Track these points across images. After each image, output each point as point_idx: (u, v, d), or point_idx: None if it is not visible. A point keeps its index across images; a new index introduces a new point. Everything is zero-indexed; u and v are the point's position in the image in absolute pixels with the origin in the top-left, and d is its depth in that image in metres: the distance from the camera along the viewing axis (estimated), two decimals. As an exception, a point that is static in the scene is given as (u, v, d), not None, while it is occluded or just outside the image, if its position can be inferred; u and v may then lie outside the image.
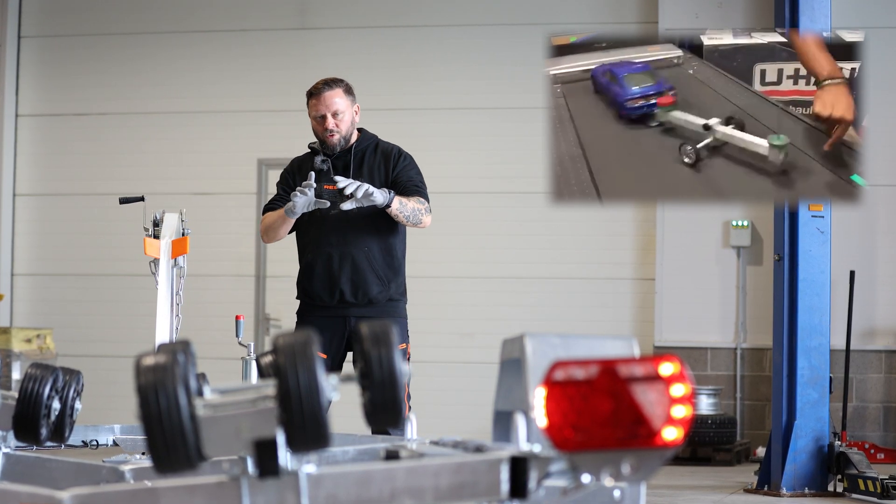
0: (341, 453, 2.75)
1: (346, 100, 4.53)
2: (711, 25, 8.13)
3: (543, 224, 8.48)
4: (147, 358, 2.03)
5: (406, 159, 4.58)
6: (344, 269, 4.47)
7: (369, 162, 4.54)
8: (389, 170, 4.53)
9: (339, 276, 4.47)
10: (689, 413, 1.97)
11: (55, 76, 9.12)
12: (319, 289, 4.50)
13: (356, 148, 4.56)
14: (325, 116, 4.49)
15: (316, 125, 4.54)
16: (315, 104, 4.52)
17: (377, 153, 4.57)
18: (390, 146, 4.61)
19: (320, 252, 4.51)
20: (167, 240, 4.29)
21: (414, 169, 4.59)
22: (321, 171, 4.50)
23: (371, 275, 4.48)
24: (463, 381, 8.15)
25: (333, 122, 4.50)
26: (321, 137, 4.55)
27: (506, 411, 2.44)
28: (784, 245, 6.36)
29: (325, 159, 4.55)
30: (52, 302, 9.04)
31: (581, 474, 2.01)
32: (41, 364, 2.76)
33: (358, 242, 4.49)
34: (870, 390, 8.15)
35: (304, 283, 4.57)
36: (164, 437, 1.98)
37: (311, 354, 2.03)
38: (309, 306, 4.56)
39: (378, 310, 4.49)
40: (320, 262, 4.50)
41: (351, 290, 4.47)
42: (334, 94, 4.51)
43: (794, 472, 6.18)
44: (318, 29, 8.85)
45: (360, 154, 4.56)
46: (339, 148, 4.54)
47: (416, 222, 4.48)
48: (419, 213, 4.48)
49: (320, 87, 4.53)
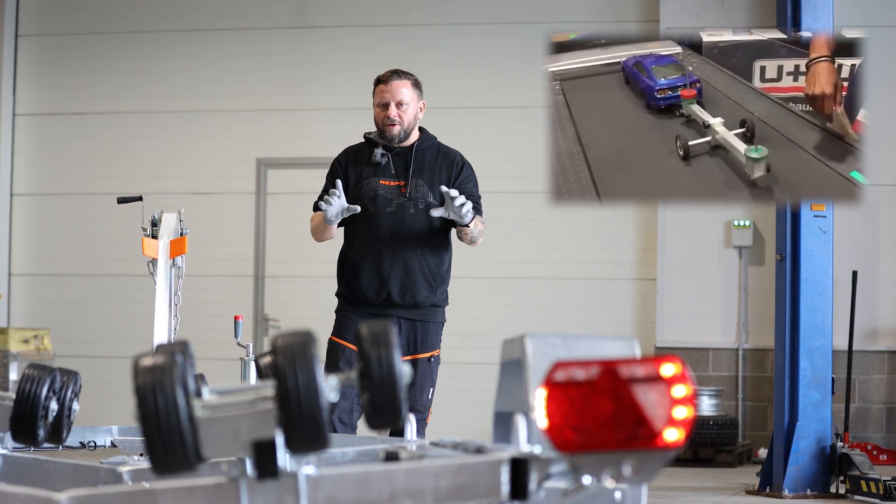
0: (340, 454, 2.74)
1: (413, 93, 4.45)
2: (713, 24, 8.12)
3: (544, 224, 8.46)
4: (145, 359, 2.03)
5: (468, 170, 4.50)
6: (395, 269, 4.37)
7: (430, 164, 4.45)
8: (452, 177, 4.44)
9: (389, 276, 4.37)
10: (691, 414, 1.97)
11: (53, 75, 9.11)
12: (366, 286, 4.39)
13: (417, 147, 4.46)
14: (389, 105, 4.40)
15: (378, 113, 4.44)
16: (381, 91, 4.43)
17: (439, 156, 4.48)
18: (452, 151, 4.52)
19: (371, 248, 4.39)
20: (165, 240, 4.28)
21: (474, 182, 4.51)
22: (378, 165, 4.41)
23: (421, 278, 4.39)
24: (463, 381, 8.14)
25: (396, 112, 4.40)
26: (381, 126, 4.44)
27: (506, 412, 2.43)
28: (786, 245, 6.35)
29: (385, 153, 4.44)
30: (49, 302, 9.03)
31: (582, 476, 2.01)
32: (38, 365, 2.76)
33: (412, 244, 4.39)
34: (872, 391, 8.14)
35: (349, 278, 4.44)
36: (162, 438, 1.98)
37: (311, 355, 2.02)
38: (350, 301, 4.44)
39: (419, 313, 4.41)
40: (370, 259, 4.39)
41: (399, 291, 4.37)
42: (402, 84, 4.44)
43: (796, 474, 6.17)
44: (317, 28, 8.84)
45: (420, 153, 4.46)
46: (398, 140, 4.43)
47: (472, 241, 4.44)
48: (480, 235, 4.44)
49: (390, 74, 4.45)
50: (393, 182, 4.41)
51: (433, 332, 4.44)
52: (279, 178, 8.85)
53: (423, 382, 4.37)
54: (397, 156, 4.46)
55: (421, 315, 4.41)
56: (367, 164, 4.45)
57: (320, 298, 8.92)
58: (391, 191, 4.38)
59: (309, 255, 8.52)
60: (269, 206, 8.87)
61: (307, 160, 8.70)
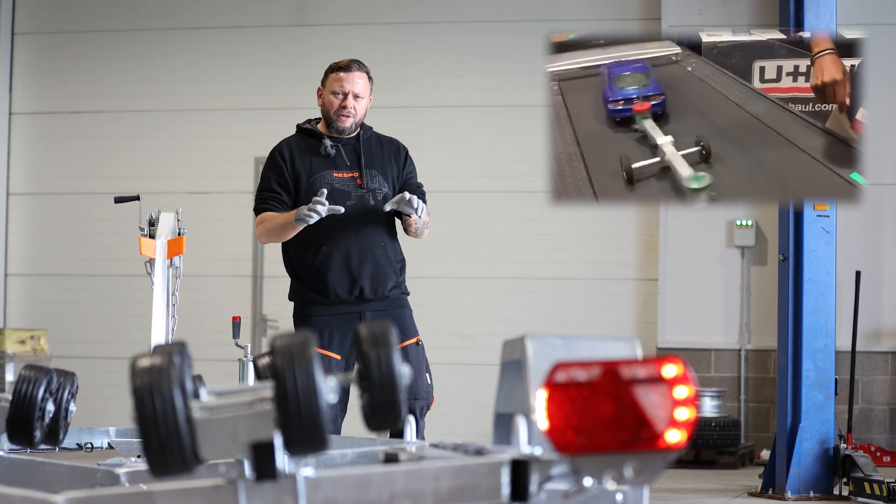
0: (339, 456, 2.73)
1: (367, 86, 4.35)
2: (715, 22, 8.10)
3: (544, 223, 8.44)
4: (142, 359, 2.02)
5: (411, 160, 4.43)
6: (364, 264, 4.25)
7: (378, 154, 4.35)
8: (400, 167, 4.36)
9: (360, 272, 4.25)
10: (693, 415, 1.97)
11: (49, 73, 9.10)
12: (336, 285, 4.25)
13: (363, 137, 4.36)
14: (347, 94, 4.28)
15: (331, 101, 4.31)
16: (339, 79, 4.30)
17: (382, 145, 4.38)
18: (391, 139, 4.44)
19: (336, 245, 4.26)
20: (163, 239, 4.25)
21: (416, 170, 4.45)
22: (328, 157, 4.29)
23: (389, 270, 4.30)
24: (463, 383, 8.12)
25: (353, 104, 4.28)
26: (331, 116, 4.31)
27: (506, 413, 2.42)
28: (789, 245, 6.33)
29: (334, 144, 4.32)
30: (46, 302, 9.01)
31: (583, 477, 2.00)
32: (35, 366, 2.75)
33: (376, 237, 4.29)
34: (876, 392, 8.12)
35: (314, 279, 4.29)
36: (159, 439, 1.97)
37: (309, 356, 2.02)
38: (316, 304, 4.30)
39: (391, 304, 4.32)
40: (337, 256, 4.25)
41: (371, 285, 4.26)
42: (361, 76, 4.32)
43: (798, 476, 6.15)
44: (315, 25, 8.83)
45: (367, 144, 4.36)
46: (347, 133, 4.32)
47: (417, 234, 4.36)
48: (425, 227, 4.36)
49: (350, 62, 4.33)
50: (347, 174, 4.28)
51: (408, 318, 4.36)
52: (277, 177, 8.83)
53: (420, 367, 4.27)
54: (346, 146, 4.33)
55: (392, 305, 4.32)
56: (315, 156, 4.30)
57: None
58: (347, 183, 4.26)
59: (307, 256, 8.48)
60: (268, 206, 8.85)
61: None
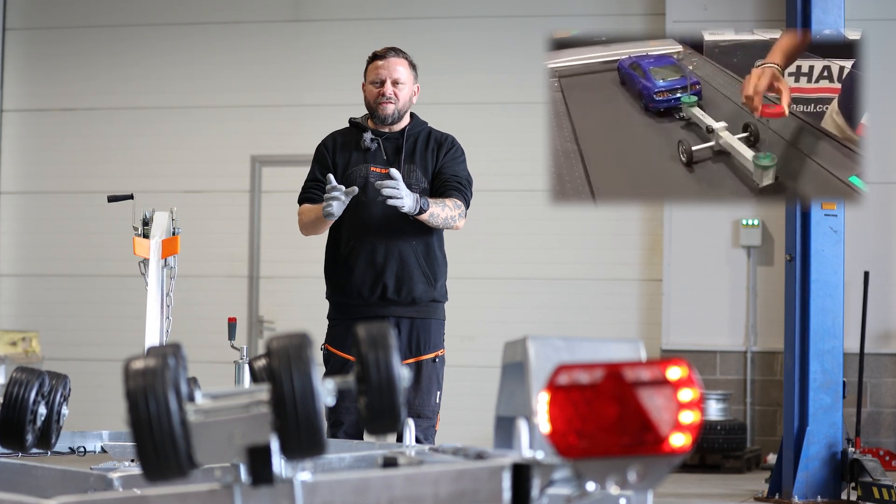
0: (337, 460, 2.71)
1: (409, 72, 4.27)
2: (720, 17, 8.08)
3: (546, 223, 8.42)
4: (136, 361, 2.00)
5: (457, 151, 4.29)
6: (389, 262, 4.16)
7: (421, 150, 4.26)
8: (440, 158, 4.25)
9: (384, 270, 4.16)
10: (698, 419, 1.94)
11: (41, 70, 9.07)
12: (359, 282, 4.17)
13: (409, 131, 4.27)
14: (385, 82, 4.20)
15: (371, 91, 4.25)
16: (377, 67, 4.24)
17: (430, 141, 4.28)
18: (444, 134, 4.33)
19: (362, 240, 4.18)
20: (157, 239, 4.23)
21: (461, 163, 4.30)
22: (368, 150, 4.22)
23: (418, 271, 4.19)
24: (463, 385, 8.09)
25: (392, 91, 4.21)
26: (373, 106, 4.24)
27: (508, 417, 2.40)
28: (796, 245, 6.33)
29: (375, 138, 4.25)
30: (37, 303, 8.99)
31: (585, 482, 1.98)
32: (27, 368, 2.73)
33: (406, 235, 4.18)
34: (884, 395, 8.10)
35: (340, 276, 4.23)
36: (153, 443, 1.95)
37: (306, 358, 2.00)
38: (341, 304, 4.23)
39: (420, 310, 4.22)
40: (363, 252, 4.17)
41: (395, 286, 4.16)
42: (399, 62, 4.25)
43: (806, 480, 6.15)
44: (312, 21, 8.81)
45: (412, 139, 4.27)
46: (390, 120, 4.24)
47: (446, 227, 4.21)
48: (451, 221, 4.19)
49: (387, 50, 4.27)
50: (384, 169, 4.20)
51: (435, 330, 4.29)
52: (274, 175, 8.82)
53: (430, 385, 4.23)
54: (387, 141, 4.26)
55: (420, 312, 4.23)
56: (355, 150, 4.26)
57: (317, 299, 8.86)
58: (382, 178, 4.16)
59: (305, 255, 8.50)
60: (264, 205, 8.84)
61: (303, 157, 8.61)
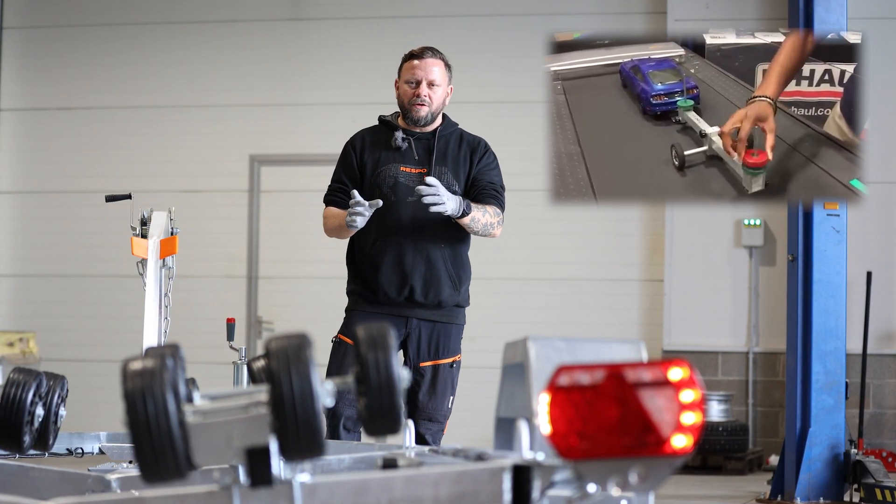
0: (337, 462, 2.70)
1: (444, 74, 4.25)
2: (722, 16, 8.06)
3: (547, 223, 8.40)
4: (134, 362, 1.99)
5: (491, 156, 4.29)
6: (417, 264, 4.13)
7: (453, 151, 4.23)
8: (473, 164, 4.22)
9: (412, 272, 4.12)
10: (700, 420, 1.94)
11: (39, 69, 9.06)
12: (386, 283, 4.13)
13: (440, 132, 4.25)
14: (421, 82, 4.19)
15: (405, 91, 4.22)
16: (413, 67, 4.22)
17: (462, 143, 4.26)
18: (476, 138, 4.31)
19: (390, 241, 4.14)
20: (155, 239, 4.23)
21: (496, 170, 4.29)
22: (398, 150, 4.18)
23: (444, 275, 4.15)
24: (464, 386, 8.04)
25: (427, 92, 4.19)
26: (406, 106, 4.21)
27: (508, 418, 2.40)
28: (798, 245, 6.31)
29: (406, 137, 4.21)
30: (35, 304, 8.97)
31: (586, 484, 1.98)
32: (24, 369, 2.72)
33: (434, 237, 4.14)
34: (887, 396, 8.08)
35: (366, 274, 4.18)
36: (151, 444, 1.95)
37: (306, 358, 2.00)
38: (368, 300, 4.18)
39: (444, 314, 4.19)
40: (390, 253, 4.13)
41: (422, 288, 4.13)
42: (435, 63, 4.24)
43: (808, 482, 6.13)
44: (311, 20, 8.79)
45: (443, 140, 4.24)
46: (423, 123, 4.21)
47: (484, 235, 4.19)
48: (490, 228, 4.17)
49: (423, 50, 4.25)
50: (415, 169, 4.17)
51: (455, 335, 4.25)
52: (273, 175, 8.80)
53: (445, 390, 4.19)
54: (419, 141, 4.22)
55: (443, 316, 4.19)
56: (385, 149, 4.21)
57: (316, 300, 8.87)
58: (413, 178, 4.14)
59: (304, 256, 8.48)
60: (263, 205, 8.83)
61: (302, 157, 8.65)
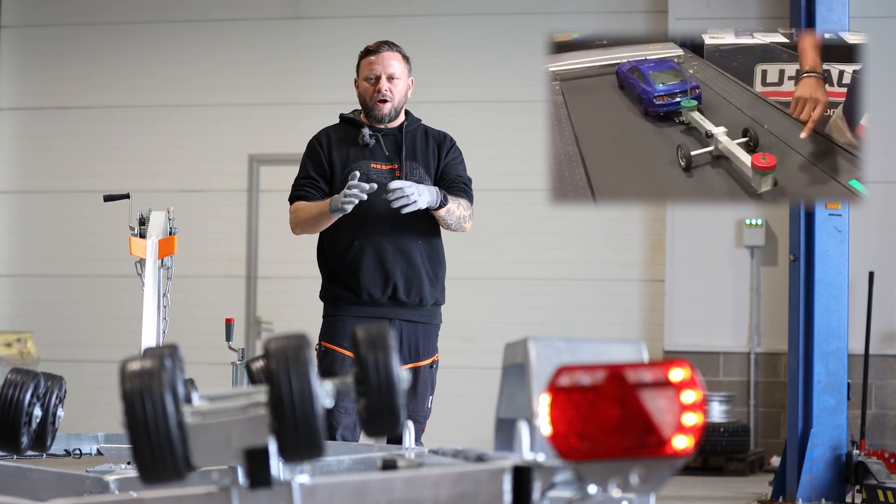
0: (336, 463, 2.70)
1: (403, 66, 4.17)
2: (723, 14, 8.06)
3: (547, 222, 8.40)
4: (132, 363, 1.99)
5: (457, 151, 4.23)
6: (398, 262, 4.08)
7: (421, 146, 4.17)
8: (441, 158, 4.17)
9: (394, 270, 4.07)
10: (701, 421, 1.93)
11: (36, 68, 9.06)
12: (369, 283, 4.08)
13: (407, 128, 4.19)
14: (381, 77, 4.11)
15: (366, 88, 4.15)
16: (370, 63, 4.14)
17: (428, 138, 4.20)
18: (441, 133, 4.26)
19: (369, 239, 4.09)
20: (154, 239, 4.21)
21: (462, 164, 4.24)
22: (366, 147, 4.12)
23: (423, 272, 4.12)
24: (464, 387, 8.07)
25: (388, 87, 4.11)
26: (369, 104, 4.14)
27: (508, 419, 2.39)
28: (800, 245, 6.31)
29: (374, 134, 4.15)
30: (33, 304, 8.97)
31: (587, 485, 1.97)
32: (22, 369, 2.72)
33: (412, 234, 4.10)
34: (889, 397, 8.07)
35: (346, 277, 4.13)
36: (150, 445, 1.94)
37: (305, 359, 1.99)
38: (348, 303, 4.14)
39: (425, 314, 4.16)
40: (370, 251, 4.08)
41: (405, 287, 4.08)
42: (393, 56, 4.15)
43: (810, 483, 6.13)
44: (311, 18, 8.79)
45: (410, 136, 4.19)
46: (388, 119, 4.15)
47: (456, 228, 4.16)
48: (462, 221, 4.14)
49: (379, 45, 4.18)
50: (386, 165, 4.13)
51: (433, 335, 4.23)
52: (272, 174, 8.80)
53: (425, 391, 4.16)
54: (386, 137, 4.17)
55: (424, 316, 4.16)
56: (353, 146, 4.16)
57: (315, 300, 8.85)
58: (385, 175, 4.09)
59: (303, 256, 8.44)
60: (262, 204, 8.82)
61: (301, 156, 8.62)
